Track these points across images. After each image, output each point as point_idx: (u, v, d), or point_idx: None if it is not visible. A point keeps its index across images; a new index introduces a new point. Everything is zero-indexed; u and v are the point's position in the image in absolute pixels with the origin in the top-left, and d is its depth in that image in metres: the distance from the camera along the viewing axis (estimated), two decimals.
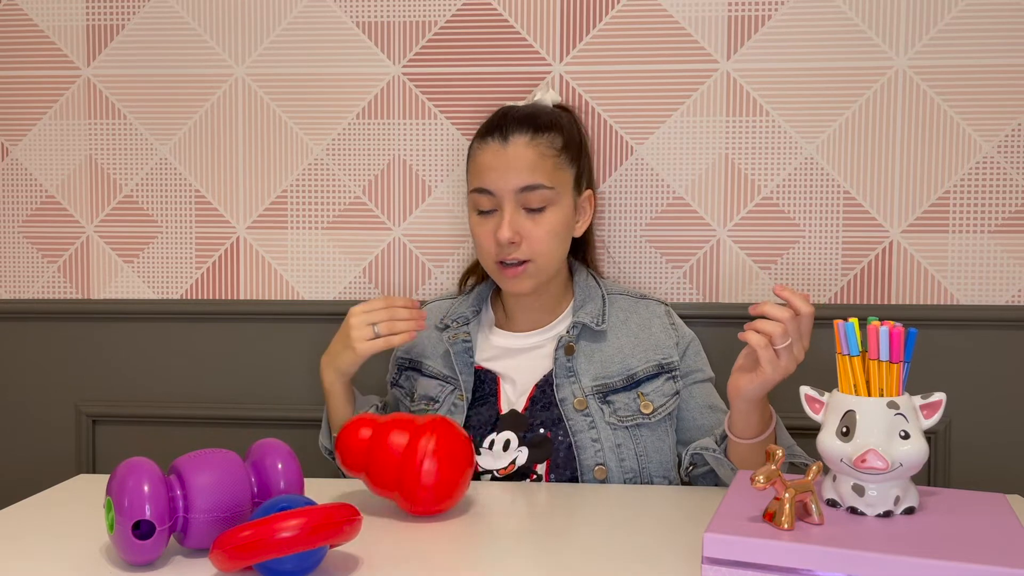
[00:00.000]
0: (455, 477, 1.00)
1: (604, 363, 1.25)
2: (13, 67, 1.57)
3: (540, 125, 1.26)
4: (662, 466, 1.24)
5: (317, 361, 1.27)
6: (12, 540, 0.95)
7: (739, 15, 1.45)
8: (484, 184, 1.24)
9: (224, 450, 0.93)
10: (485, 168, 1.24)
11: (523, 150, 1.23)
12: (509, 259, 1.23)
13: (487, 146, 1.25)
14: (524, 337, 1.31)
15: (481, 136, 1.28)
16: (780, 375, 1.04)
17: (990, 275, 1.44)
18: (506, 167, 1.23)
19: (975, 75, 1.42)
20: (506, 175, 1.22)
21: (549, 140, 1.25)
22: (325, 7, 1.51)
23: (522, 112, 1.28)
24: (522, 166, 1.22)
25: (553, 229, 1.24)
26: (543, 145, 1.24)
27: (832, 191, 1.46)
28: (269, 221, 1.55)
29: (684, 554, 0.90)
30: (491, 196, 1.24)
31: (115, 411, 1.58)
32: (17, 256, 1.60)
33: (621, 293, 1.34)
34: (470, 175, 1.28)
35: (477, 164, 1.26)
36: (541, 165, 1.23)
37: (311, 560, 0.82)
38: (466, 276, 1.43)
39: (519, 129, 1.24)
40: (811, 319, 1.05)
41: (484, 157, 1.25)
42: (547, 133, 1.25)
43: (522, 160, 1.23)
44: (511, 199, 1.23)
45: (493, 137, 1.25)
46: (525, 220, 1.23)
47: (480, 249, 1.27)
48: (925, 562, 0.72)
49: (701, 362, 1.30)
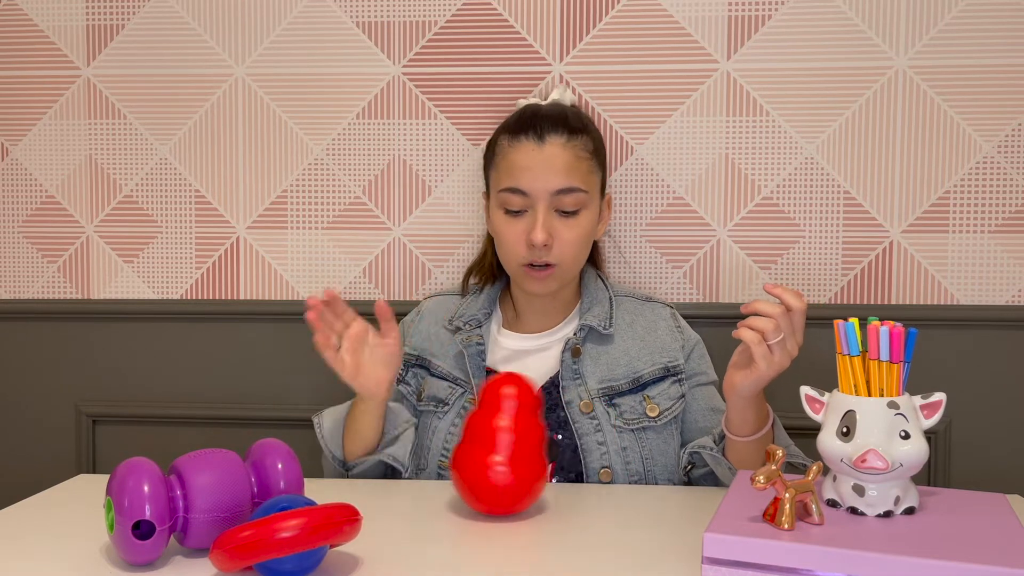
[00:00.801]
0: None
1: (610, 366, 1.25)
2: (13, 67, 1.57)
3: (573, 127, 1.24)
4: (667, 469, 1.24)
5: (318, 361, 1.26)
6: (12, 540, 0.95)
7: (739, 15, 1.45)
8: (518, 184, 1.22)
9: (224, 450, 0.93)
10: (519, 167, 1.22)
11: (560, 151, 1.22)
12: (539, 262, 1.22)
13: (520, 144, 1.23)
14: (532, 339, 1.30)
15: (512, 133, 1.25)
16: (774, 371, 1.04)
17: (990, 275, 1.44)
18: (544, 168, 1.21)
19: (975, 75, 1.42)
20: (544, 176, 1.21)
21: (583, 143, 1.24)
22: (325, 7, 1.51)
23: (553, 112, 1.26)
24: (560, 167, 1.21)
25: (584, 233, 1.23)
26: (578, 147, 1.23)
27: (832, 191, 1.46)
28: (269, 221, 1.55)
29: (684, 554, 0.89)
30: (524, 196, 1.22)
31: (115, 411, 1.58)
32: (17, 256, 1.60)
33: (627, 295, 1.33)
34: (498, 173, 1.26)
35: (510, 162, 1.23)
36: (577, 167, 1.22)
37: (311, 560, 0.82)
38: (469, 275, 1.40)
39: (555, 130, 1.22)
40: (803, 315, 1.04)
41: (518, 156, 1.22)
42: (581, 135, 1.24)
43: (559, 161, 1.21)
44: (545, 200, 1.21)
45: (527, 136, 1.22)
46: (557, 222, 1.22)
47: (506, 249, 1.25)
48: (925, 562, 0.72)
49: (705, 365, 1.30)
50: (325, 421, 1.26)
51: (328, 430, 1.24)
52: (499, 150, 1.27)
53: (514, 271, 1.26)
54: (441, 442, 1.24)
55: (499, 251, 1.28)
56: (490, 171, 1.30)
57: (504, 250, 1.26)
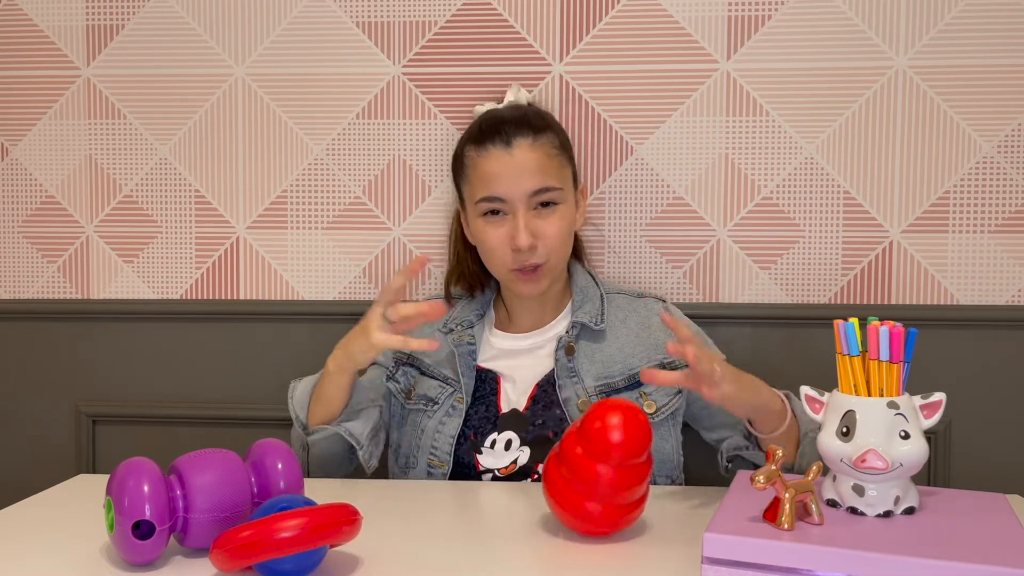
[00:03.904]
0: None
1: (606, 363, 1.25)
2: (13, 67, 1.57)
3: (537, 126, 1.25)
4: (664, 466, 1.24)
5: (317, 361, 1.27)
6: (12, 540, 0.95)
7: (739, 15, 1.45)
8: (494, 192, 1.22)
9: (224, 450, 0.93)
10: (492, 175, 1.23)
11: (529, 153, 1.22)
12: (527, 264, 1.22)
13: (488, 152, 1.24)
14: (524, 338, 1.30)
15: (477, 142, 1.25)
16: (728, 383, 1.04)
17: (990, 275, 1.44)
18: (516, 172, 1.21)
19: (975, 75, 1.42)
20: (518, 180, 1.21)
21: (549, 140, 1.25)
22: (325, 7, 1.51)
23: (515, 115, 1.27)
24: (532, 169, 1.22)
25: (565, 226, 1.24)
26: (546, 145, 1.24)
27: (832, 191, 1.46)
28: (269, 221, 1.55)
29: (684, 554, 0.89)
30: (501, 203, 1.22)
31: (115, 411, 1.58)
32: (17, 256, 1.60)
33: (619, 292, 1.34)
34: (471, 185, 1.26)
35: (481, 172, 1.24)
36: (548, 166, 1.23)
37: (311, 560, 0.82)
38: (448, 284, 1.38)
39: (519, 132, 1.23)
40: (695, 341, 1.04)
41: (488, 164, 1.23)
42: (545, 133, 1.25)
43: (531, 163, 1.22)
44: (523, 204, 1.22)
45: (494, 143, 1.23)
46: (537, 221, 1.22)
47: (492, 256, 1.25)
48: (925, 562, 0.72)
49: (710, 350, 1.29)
50: (298, 387, 1.26)
51: (299, 395, 1.24)
52: (468, 161, 1.27)
53: (504, 276, 1.27)
54: (430, 441, 1.24)
55: (485, 259, 1.28)
56: (462, 184, 1.30)
57: (490, 257, 1.26)
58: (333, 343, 1.25)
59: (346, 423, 1.20)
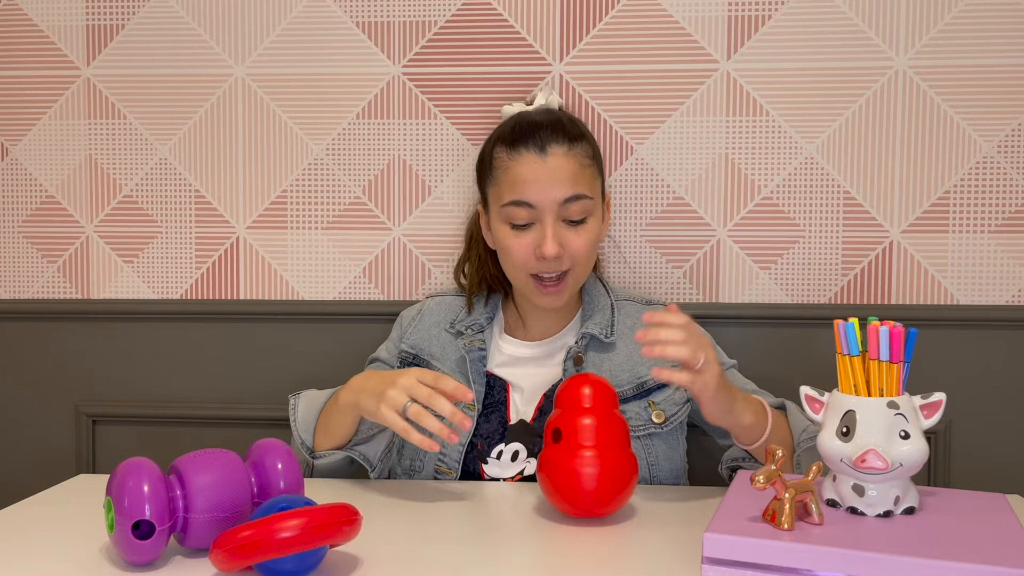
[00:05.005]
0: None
1: (613, 372, 1.24)
2: (13, 67, 1.57)
3: (572, 134, 1.23)
4: (672, 473, 1.24)
5: (317, 361, 1.27)
6: (12, 540, 0.95)
7: (739, 15, 1.45)
8: (524, 197, 1.20)
9: (224, 450, 0.93)
10: (523, 180, 1.20)
11: (563, 161, 1.21)
12: (549, 273, 1.21)
13: (521, 157, 1.21)
14: (534, 346, 1.29)
15: (510, 145, 1.23)
16: (712, 384, 1.02)
17: (990, 275, 1.44)
18: (549, 179, 1.20)
19: (975, 75, 1.42)
20: (550, 187, 1.20)
21: (583, 149, 1.23)
22: (325, 7, 1.51)
23: (550, 120, 1.25)
24: (565, 177, 1.20)
25: (592, 239, 1.23)
26: (580, 155, 1.22)
27: (832, 191, 1.46)
28: (269, 221, 1.55)
29: (684, 554, 0.90)
30: (530, 209, 1.21)
31: (115, 411, 1.58)
32: (17, 256, 1.60)
33: (628, 299, 1.33)
34: (499, 187, 1.24)
35: (513, 176, 1.22)
36: (581, 175, 1.22)
37: (311, 560, 0.82)
38: (459, 271, 1.39)
39: (555, 139, 1.21)
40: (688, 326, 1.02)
41: (521, 169, 1.21)
42: (580, 142, 1.23)
43: (564, 171, 1.20)
44: (553, 212, 1.20)
45: (527, 148, 1.21)
46: (566, 232, 1.21)
47: (513, 262, 1.23)
48: (925, 562, 0.72)
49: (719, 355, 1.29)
50: (300, 405, 1.23)
51: (302, 416, 1.22)
52: (498, 163, 1.25)
53: (523, 283, 1.25)
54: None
55: (505, 264, 1.27)
56: (488, 185, 1.28)
57: (511, 263, 1.24)
58: (333, 343, 1.26)
59: (358, 447, 1.19)
